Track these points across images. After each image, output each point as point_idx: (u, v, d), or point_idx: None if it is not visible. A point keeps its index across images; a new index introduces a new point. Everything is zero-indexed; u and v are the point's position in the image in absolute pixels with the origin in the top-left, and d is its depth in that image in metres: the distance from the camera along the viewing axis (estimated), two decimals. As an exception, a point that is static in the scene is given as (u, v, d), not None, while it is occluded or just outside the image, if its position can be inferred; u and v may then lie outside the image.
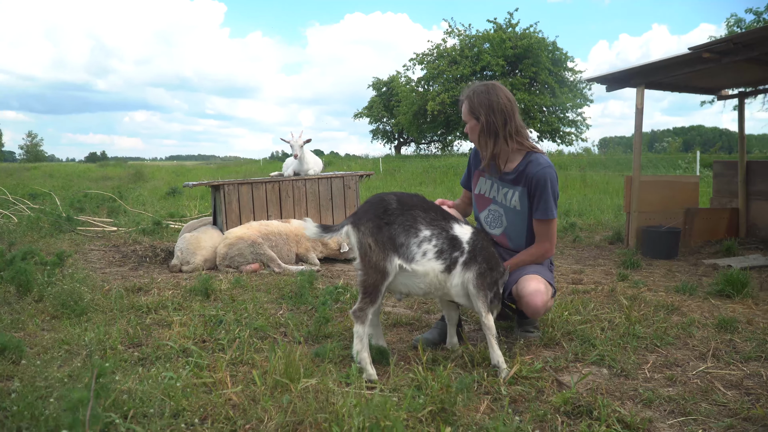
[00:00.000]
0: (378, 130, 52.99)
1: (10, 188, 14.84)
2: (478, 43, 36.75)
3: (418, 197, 3.49)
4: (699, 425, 2.81)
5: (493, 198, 3.99)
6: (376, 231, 3.26)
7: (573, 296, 5.22)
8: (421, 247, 3.31)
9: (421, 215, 3.36)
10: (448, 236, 3.38)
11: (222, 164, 49.42)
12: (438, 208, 3.49)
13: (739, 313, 4.73)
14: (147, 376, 3.07)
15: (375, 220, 3.28)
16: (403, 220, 3.31)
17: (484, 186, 4.05)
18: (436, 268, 3.33)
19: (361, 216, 3.33)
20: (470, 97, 3.78)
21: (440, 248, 3.34)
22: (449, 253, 3.36)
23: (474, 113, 3.77)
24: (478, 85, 3.83)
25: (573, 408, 2.86)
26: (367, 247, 3.26)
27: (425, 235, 3.32)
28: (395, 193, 3.45)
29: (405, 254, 3.29)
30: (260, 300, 5.04)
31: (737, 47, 6.49)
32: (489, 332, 3.39)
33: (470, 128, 3.84)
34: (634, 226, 8.05)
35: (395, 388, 3.02)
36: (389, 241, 3.26)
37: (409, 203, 3.39)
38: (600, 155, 35.63)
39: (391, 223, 3.29)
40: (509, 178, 3.87)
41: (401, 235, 3.29)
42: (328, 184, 8.12)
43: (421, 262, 3.31)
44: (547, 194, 3.77)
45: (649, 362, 3.62)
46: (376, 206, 3.34)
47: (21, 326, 4.18)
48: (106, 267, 6.78)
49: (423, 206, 3.42)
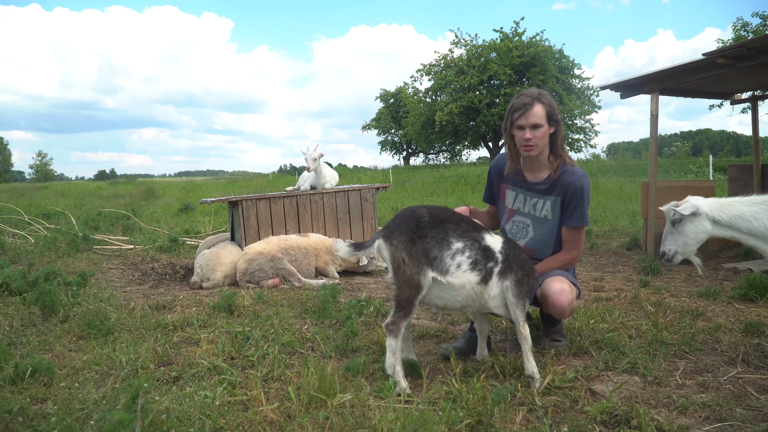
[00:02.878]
0: (386, 142, 53.15)
1: (24, 208, 14.93)
2: (485, 52, 36.84)
3: (449, 210, 3.49)
4: (736, 430, 2.80)
5: (518, 209, 4.00)
6: (409, 245, 3.25)
7: (596, 304, 5.21)
8: (455, 259, 3.30)
9: (452, 228, 3.35)
10: (480, 247, 3.38)
11: (231, 179, 49.60)
12: (469, 220, 3.48)
13: (764, 316, 4.71)
14: (182, 395, 3.09)
15: (408, 234, 3.27)
16: (435, 233, 3.30)
17: (509, 198, 4.06)
18: (472, 280, 3.32)
19: (394, 230, 3.31)
20: (545, 102, 3.71)
21: (474, 259, 3.33)
22: (483, 264, 3.35)
23: (553, 117, 3.74)
24: (540, 90, 3.79)
25: (610, 417, 2.86)
26: (400, 261, 3.24)
27: (458, 247, 3.31)
28: (426, 207, 3.44)
29: (439, 267, 3.28)
30: (284, 315, 5.05)
31: (751, 52, 6.50)
32: (525, 342, 3.40)
33: (542, 133, 3.73)
34: (652, 231, 8.03)
35: (431, 402, 3.02)
36: (423, 254, 3.25)
37: (441, 216, 3.38)
38: (609, 161, 35.57)
39: (424, 237, 3.28)
40: (540, 188, 3.88)
41: (434, 249, 3.28)
42: (345, 198, 8.15)
43: (456, 275, 3.30)
44: (584, 202, 3.81)
45: (679, 369, 3.61)
46: (409, 220, 3.33)
47: (49, 348, 4.21)
48: (127, 285, 6.82)
49: (454, 219, 3.41)
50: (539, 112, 3.69)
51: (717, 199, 3.89)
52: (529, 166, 3.91)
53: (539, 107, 3.68)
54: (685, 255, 4.02)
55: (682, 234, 3.93)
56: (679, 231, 3.94)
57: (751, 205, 3.74)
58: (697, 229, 3.85)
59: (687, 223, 3.88)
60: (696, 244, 3.93)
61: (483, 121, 36.08)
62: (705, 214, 3.81)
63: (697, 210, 3.81)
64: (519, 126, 3.73)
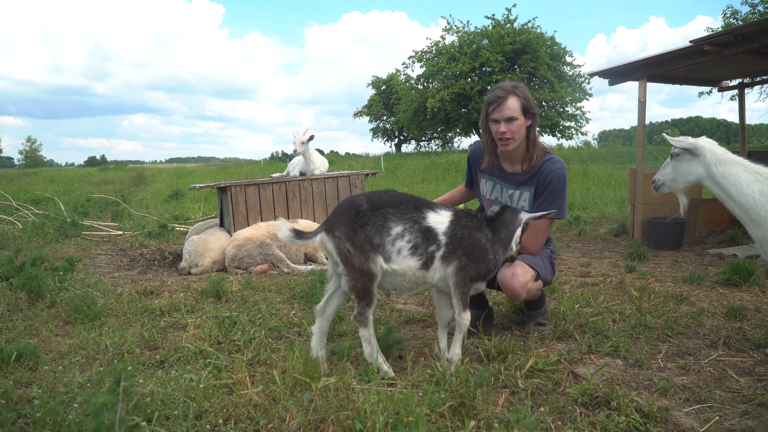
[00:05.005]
0: (378, 129, 53.01)
1: (12, 194, 14.84)
2: (477, 39, 36.71)
3: (389, 193, 3.35)
4: (715, 412, 2.85)
5: (496, 199, 4.03)
6: (352, 234, 3.15)
7: (582, 289, 5.25)
8: (395, 245, 3.20)
9: (391, 211, 3.23)
10: (421, 228, 3.23)
11: (222, 166, 49.41)
12: (410, 200, 3.32)
13: (747, 301, 4.77)
14: (167, 379, 3.11)
15: (349, 224, 3.17)
16: (375, 220, 3.19)
17: (485, 187, 4.08)
18: (413, 266, 3.22)
19: (335, 222, 3.22)
20: (520, 95, 3.71)
21: (414, 243, 3.21)
22: (425, 248, 3.22)
23: (529, 110, 3.74)
24: (515, 83, 3.79)
25: (591, 399, 2.90)
26: (347, 253, 3.15)
27: (397, 232, 3.20)
28: (365, 194, 3.34)
29: (384, 254, 3.18)
30: (272, 300, 5.06)
31: (738, 39, 6.53)
32: (459, 329, 3.32)
33: (518, 126, 3.72)
34: (639, 218, 8.08)
35: (414, 384, 3.05)
36: (367, 242, 3.15)
37: (379, 201, 3.25)
38: (600, 148, 35.65)
39: (365, 225, 3.17)
40: (519, 179, 3.89)
41: (376, 236, 3.18)
42: (334, 184, 8.15)
43: (397, 261, 3.20)
44: (561, 193, 3.81)
45: (661, 352, 3.66)
46: (348, 210, 3.23)
47: (35, 332, 4.21)
48: (115, 271, 6.81)
49: (393, 201, 3.27)
50: (514, 105, 3.69)
51: (726, 152, 3.64)
52: (507, 158, 3.93)
53: (513, 100, 3.69)
54: (672, 190, 3.89)
55: (675, 169, 3.78)
56: (674, 165, 3.79)
57: (753, 173, 3.51)
58: (689, 170, 3.70)
59: (682, 160, 3.73)
60: (684, 184, 3.79)
61: (474, 108, 36.02)
62: (702, 158, 3.62)
63: (695, 149, 3.63)
64: (494, 120, 3.75)
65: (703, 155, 3.61)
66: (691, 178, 3.71)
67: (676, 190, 3.88)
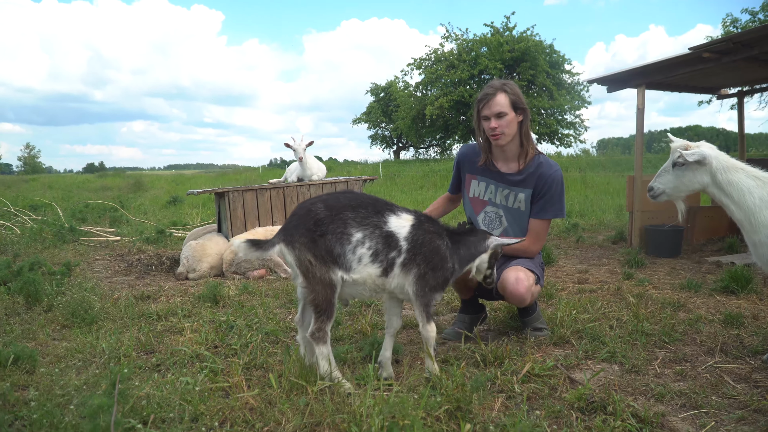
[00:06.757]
0: (377, 136, 53.05)
1: (11, 200, 14.82)
2: (476, 47, 36.79)
3: (347, 195, 3.20)
4: (711, 418, 2.84)
5: (490, 200, 4.04)
6: (312, 245, 3.01)
7: (580, 295, 5.25)
8: (356, 253, 3.06)
9: (350, 216, 3.08)
10: (382, 234, 3.10)
11: (221, 172, 49.44)
12: (369, 202, 3.18)
13: (744, 308, 4.77)
14: (164, 382, 3.10)
15: (308, 234, 3.02)
16: (334, 228, 3.04)
17: (478, 188, 4.09)
18: (373, 273, 3.10)
19: (293, 231, 3.06)
20: (509, 91, 3.76)
21: (375, 249, 3.08)
22: (385, 255, 3.10)
23: (519, 105, 3.78)
24: (504, 80, 3.85)
25: (587, 404, 2.90)
26: (308, 264, 3.02)
27: (357, 239, 3.05)
28: (322, 199, 3.17)
29: (344, 264, 3.05)
30: (269, 305, 5.06)
31: (737, 46, 6.55)
32: (427, 343, 3.23)
33: (508, 121, 3.76)
34: (637, 225, 8.09)
35: (410, 388, 3.04)
36: (327, 253, 3.02)
37: (337, 206, 3.10)
38: (599, 156, 35.67)
39: (325, 234, 3.02)
40: (515, 179, 3.92)
41: (336, 246, 3.03)
42: (331, 190, 8.15)
43: (358, 270, 3.07)
44: (562, 195, 3.86)
45: (658, 358, 3.65)
46: (306, 218, 3.07)
47: (32, 336, 4.21)
48: (113, 276, 6.80)
49: (352, 204, 3.12)
50: (502, 101, 3.75)
51: (727, 158, 3.60)
52: (501, 156, 3.96)
53: (502, 96, 3.75)
54: (672, 198, 3.81)
55: (679, 178, 3.68)
56: (677, 174, 3.68)
57: (754, 178, 3.50)
58: (694, 179, 3.62)
59: (687, 170, 3.63)
60: (687, 192, 3.74)
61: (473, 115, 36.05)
62: (709, 166, 3.55)
63: (704, 160, 3.53)
64: (484, 116, 3.82)
65: (710, 163, 3.55)
66: (696, 186, 3.66)
67: (677, 198, 3.83)
